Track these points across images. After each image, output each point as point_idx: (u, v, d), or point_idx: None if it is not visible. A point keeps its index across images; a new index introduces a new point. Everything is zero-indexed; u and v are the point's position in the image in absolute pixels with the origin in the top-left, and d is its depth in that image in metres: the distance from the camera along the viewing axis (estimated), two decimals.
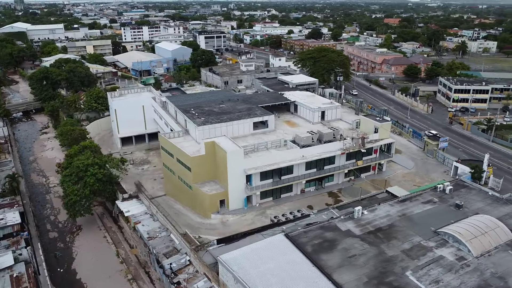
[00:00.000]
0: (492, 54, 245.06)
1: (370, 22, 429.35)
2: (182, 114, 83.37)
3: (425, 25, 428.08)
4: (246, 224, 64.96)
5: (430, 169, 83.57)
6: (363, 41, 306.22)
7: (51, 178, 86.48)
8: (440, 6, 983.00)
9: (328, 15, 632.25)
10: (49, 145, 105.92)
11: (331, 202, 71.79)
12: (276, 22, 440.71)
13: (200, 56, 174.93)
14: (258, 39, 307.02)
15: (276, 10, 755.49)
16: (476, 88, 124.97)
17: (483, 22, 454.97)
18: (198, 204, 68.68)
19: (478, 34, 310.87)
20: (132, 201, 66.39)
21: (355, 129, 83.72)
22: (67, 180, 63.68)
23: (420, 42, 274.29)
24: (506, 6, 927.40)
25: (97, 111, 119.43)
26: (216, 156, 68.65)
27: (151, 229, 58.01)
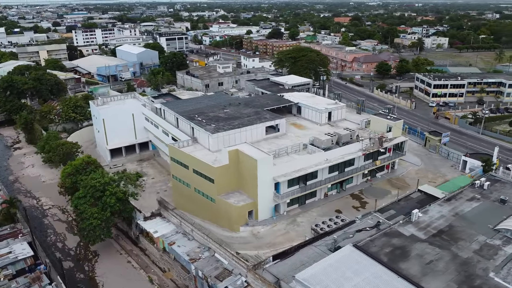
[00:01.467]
0: (445, 50, 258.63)
1: (322, 21, 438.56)
2: (187, 121, 78.35)
3: (372, 23, 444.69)
4: (279, 234, 61.91)
5: (438, 165, 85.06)
6: (321, 40, 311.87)
7: (42, 199, 77.85)
8: (380, 4, 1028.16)
9: (278, 15, 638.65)
10: (28, 161, 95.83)
11: (356, 204, 70.58)
12: (230, 22, 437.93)
13: (170, 59, 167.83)
14: (218, 40, 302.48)
15: (224, 11, 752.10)
16: (453, 83, 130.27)
17: (425, 19, 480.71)
18: (224, 218, 64.39)
19: (427, 31, 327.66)
20: (156, 219, 60.82)
21: (365, 128, 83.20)
22: (82, 202, 56.89)
23: (377, 40, 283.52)
24: (439, 4, 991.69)
25: (75, 121, 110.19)
26: (240, 165, 64.84)
27: (190, 250, 53.20)
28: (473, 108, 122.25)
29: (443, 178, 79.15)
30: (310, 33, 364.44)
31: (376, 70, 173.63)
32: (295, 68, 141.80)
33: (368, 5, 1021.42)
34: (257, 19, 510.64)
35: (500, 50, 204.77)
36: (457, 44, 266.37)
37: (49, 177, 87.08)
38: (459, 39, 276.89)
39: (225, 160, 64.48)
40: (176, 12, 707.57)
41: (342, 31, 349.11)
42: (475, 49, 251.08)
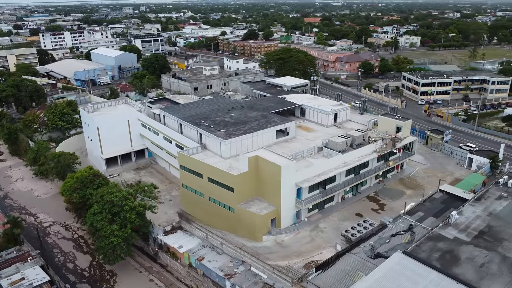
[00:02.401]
0: (418, 48, 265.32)
1: (293, 22, 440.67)
2: (193, 127, 75.11)
3: (342, 23, 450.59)
4: (305, 242, 60.04)
5: (443, 163, 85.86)
6: (296, 40, 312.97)
7: (40, 215, 72.26)
8: (344, 5, 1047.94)
9: (247, 16, 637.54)
10: (16, 175, 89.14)
11: (375, 206, 69.78)
12: (201, 23, 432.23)
13: (152, 62, 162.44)
14: (192, 41, 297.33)
15: (191, 12, 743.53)
16: (440, 81, 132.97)
17: (391, 19, 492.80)
18: (244, 227, 61.66)
19: (398, 30, 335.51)
20: (178, 233, 57.40)
21: (372, 129, 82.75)
22: (98, 219, 52.66)
23: (351, 40, 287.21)
24: (400, 4, 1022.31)
25: (62, 130, 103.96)
26: (260, 172, 62.44)
27: (223, 265, 50.33)
28: (461, 105, 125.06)
29: (452, 176, 79.85)
30: (283, 33, 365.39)
31: (359, 69, 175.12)
32: (284, 69, 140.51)
33: (333, 5, 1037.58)
34: (226, 20, 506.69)
35: (473, 48, 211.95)
36: (429, 43, 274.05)
37: (43, 191, 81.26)
38: (429, 38, 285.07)
39: (244, 167, 61.91)
40: (142, 14, 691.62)
41: (314, 31, 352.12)
42: (446, 47, 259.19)
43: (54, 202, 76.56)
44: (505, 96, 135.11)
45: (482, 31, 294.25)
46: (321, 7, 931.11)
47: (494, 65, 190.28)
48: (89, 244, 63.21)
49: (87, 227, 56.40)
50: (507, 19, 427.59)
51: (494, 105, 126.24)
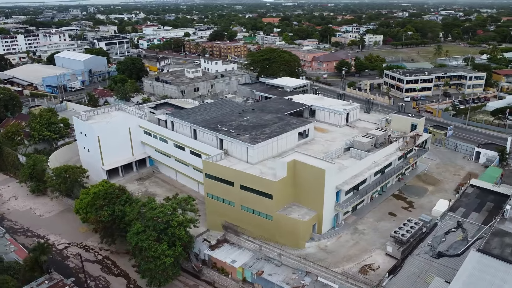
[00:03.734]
0: (381, 47, 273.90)
1: (253, 22, 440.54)
2: (211, 133, 71.67)
3: (299, 23, 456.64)
4: (350, 246, 58.88)
5: (451, 157, 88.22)
6: (261, 40, 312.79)
7: (51, 237, 65.52)
8: (295, 5, 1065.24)
9: (202, 16, 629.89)
10: (6, 193, 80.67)
11: (404, 205, 70.10)
12: (159, 25, 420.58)
13: (128, 65, 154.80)
14: (156, 43, 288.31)
15: (143, 13, 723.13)
16: (423, 78, 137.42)
17: (346, 18, 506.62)
18: (285, 234, 59.11)
19: (358, 29, 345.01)
20: (224, 247, 53.96)
21: (384, 127, 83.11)
22: (143, 238, 48.11)
23: (317, 39, 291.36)
24: (349, 4, 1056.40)
25: (49, 141, 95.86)
26: (299, 176, 60.36)
27: (286, 277, 47.74)
28: (444, 101, 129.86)
29: (464, 170, 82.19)
30: (244, 33, 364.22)
31: (336, 68, 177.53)
32: (271, 70, 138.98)
33: (284, 5, 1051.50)
34: (183, 21, 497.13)
35: (438, 46, 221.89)
36: (390, 41, 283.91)
37: (45, 210, 74.01)
38: (390, 36, 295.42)
39: (282, 172, 59.58)
40: (91, 15, 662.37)
41: (276, 31, 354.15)
42: (408, 45, 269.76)
43: (62, 221, 70.02)
44: (481, 90, 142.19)
45: (437, 29, 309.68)
46: (273, 8, 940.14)
47: (458, 61, 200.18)
48: (118, 265, 58.13)
49: (129, 248, 51.37)
50: (453, 18, 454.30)
51: (474, 99, 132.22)
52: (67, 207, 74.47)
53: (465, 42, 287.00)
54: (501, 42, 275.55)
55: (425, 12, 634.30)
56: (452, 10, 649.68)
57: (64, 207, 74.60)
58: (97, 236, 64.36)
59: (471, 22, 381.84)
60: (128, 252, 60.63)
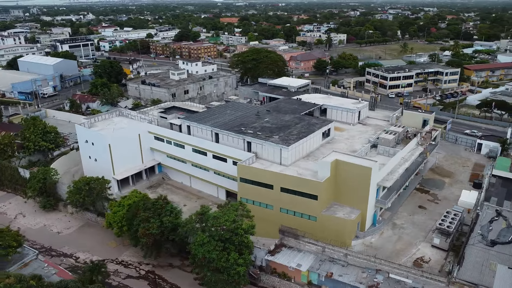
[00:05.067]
0: (346, 45, 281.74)
1: (212, 22, 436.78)
2: (237, 136, 70.52)
3: (257, 23, 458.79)
4: (395, 241, 60.24)
5: (454, 150, 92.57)
6: (226, 41, 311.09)
7: (79, 254, 61.04)
8: (246, 5, 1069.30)
9: (156, 17, 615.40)
10: (10, 210, 74.18)
11: (429, 197, 72.62)
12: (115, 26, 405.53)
13: (106, 68, 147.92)
14: (118, 45, 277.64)
15: (91, 13, 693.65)
16: (405, 74, 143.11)
17: (302, 18, 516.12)
18: (330, 234, 58.72)
19: (319, 28, 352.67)
20: (284, 251, 52.94)
21: (395, 123, 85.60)
22: (210, 248, 46.03)
23: (283, 39, 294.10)
24: (299, 4, 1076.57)
25: (44, 151, 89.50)
26: (341, 176, 60.65)
27: (357, 277, 47.72)
28: (424, 97, 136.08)
29: (470, 162, 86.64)
30: (206, 34, 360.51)
31: (314, 67, 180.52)
32: (258, 70, 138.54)
33: (236, 5, 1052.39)
34: (137, 22, 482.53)
35: (404, 43, 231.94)
36: (353, 40, 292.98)
37: (62, 226, 68.82)
38: (352, 35, 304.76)
39: (325, 173, 59.61)
40: (35, 17, 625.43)
41: (237, 31, 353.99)
42: (371, 43, 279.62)
43: (85, 236, 65.56)
44: (456, 85, 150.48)
45: (394, 28, 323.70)
46: (225, 7, 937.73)
47: (423, 58, 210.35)
48: (166, 279, 55.44)
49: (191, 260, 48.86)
50: (404, 16, 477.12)
51: (452, 93, 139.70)
52: (86, 222, 69.97)
53: (423, 39, 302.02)
54: (453, 38, 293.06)
55: (374, 11, 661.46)
56: (399, 9, 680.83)
57: (82, 221, 69.98)
58: (132, 250, 61.23)
59: (422, 20, 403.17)
60: (171, 265, 58.36)
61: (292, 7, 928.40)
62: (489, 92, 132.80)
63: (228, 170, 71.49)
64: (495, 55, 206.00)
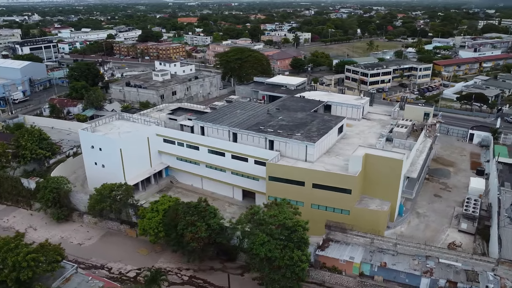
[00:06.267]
0: (312, 44, 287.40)
1: (171, 22, 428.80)
2: (258, 135, 70.60)
3: (215, 23, 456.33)
4: (423, 229, 63.39)
5: (448, 141, 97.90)
6: (190, 41, 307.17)
7: (111, 265, 58.19)
8: (199, 4, 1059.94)
9: (108, 17, 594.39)
10: (18, 225, 69.22)
11: (440, 186, 76.49)
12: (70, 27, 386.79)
13: (84, 71, 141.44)
14: (78, 46, 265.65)
15: (37, 14, 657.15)
16: (384, 71, 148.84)
17: (259, 18, 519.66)
18: (363, 227, 60.69)
19: (281, 27, 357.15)
20: (332, 245, 53.68)
21: (397, 117, 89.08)
22: (271, 247, 45.72)
23: (250, 39, 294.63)
24: (251, 4, 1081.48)
25: (41, 160, 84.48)
26: (371, 169, 62.46)
27: (411, 264, 49.48)
28: (402, 92, 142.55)
29: (466, 151, 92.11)
30: (168, 34, 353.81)
31: (291, 65, 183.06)
32: (243, 69, 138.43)
33: (188, 5, 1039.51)
34: (88, 22, 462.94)
35: (370, 41, 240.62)
36: (317, 38, 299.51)
37: (82, 237, 65.24)
38: (315, 34, 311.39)
39: (357, 167, 61.22)
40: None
41: (198, 31, 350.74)
42: (336, 41, 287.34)
43: (111, 246, 62.76)
44: (428, 80, 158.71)
45: (354, 26, 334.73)
46: (178, 7, 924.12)
47: (389, 56, 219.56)
48: (213, 283, 54.45)
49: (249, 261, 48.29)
50: (358, 15, 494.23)
51: (428, 88, 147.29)
52: (107, 231, 66.93)
53: (382, 37, 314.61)
54: (410, 36, 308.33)
55: (326, 10, 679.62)
56: (350, 8, 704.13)
57: (102, 231, 66.85)
58: (167, 256, 59.59)
59: (375, 19, 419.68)
60: (213, 268, 57.36)
61: (245, 6, 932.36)
62: (462, 86, 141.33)
63: (249, 170, 71.31)
64: (454, 51, 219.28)
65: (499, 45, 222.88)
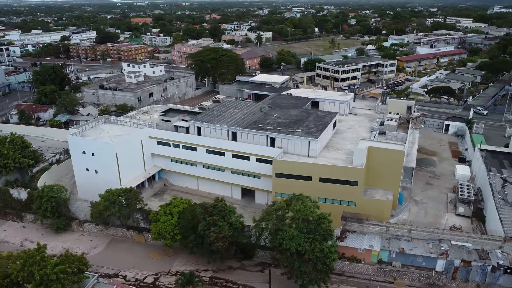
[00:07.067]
0: (274, 43, 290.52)
1: (125, 24, 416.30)
2: (259, 133, 71.38)
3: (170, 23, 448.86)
4: (424, 215, 66.46)
5: (425, 132, 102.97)
6: (149, 41, 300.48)
7: (126, 273, 56.31)
8: (149, 4, 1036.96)
9: (55, 18, 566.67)
10: (13, 238, 65.14)
11: (430, 174, 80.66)
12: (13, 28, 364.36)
13: (50, 74, 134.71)
14: (31, 49, 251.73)
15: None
16: (353, 67, 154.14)
17: (215, 18, 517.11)
18: (370, 217, 63.54)
19: (239, 27, 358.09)
20: (350, 235, 55.38)
21: (381, 111, 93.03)
22: (300, 242, 46.65)
23: (211, 39, 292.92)
24: (203, 3, 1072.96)
25: (23, 169, 79.93)
26: (374, 161, 65.02)
27: (426, 247, 52.24)
28: (373, 87, 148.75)
29: (444, 141, 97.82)
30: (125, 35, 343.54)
31: (260, 64, 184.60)
32: (218, 69, 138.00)
33: (137, 5, 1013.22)
34: (35, 24, 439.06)
35: (332, 39, 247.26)
36: (278, 37, 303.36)
37: (86, 246, 62.43)
38: (275, 33, 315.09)
39: (361, 159, 63.61)
40: None
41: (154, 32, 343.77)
42: (297, 40, 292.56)
43: (120, 253, 60.87)
44: (394, 75, 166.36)
45: (312, 25, 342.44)
46: (127, 7, 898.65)
47: (350, 53, 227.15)
48: (235, 281, 54.45)
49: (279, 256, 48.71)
50: (312, 15, 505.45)
51: (395, 83, 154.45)
52: (111, 238, 64.83)
53: (339, 35, 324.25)
54: (366, 34, 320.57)
55: (279, 10, 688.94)
56: (302, 7, 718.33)
57: (107, 238, 64.66)
58: (182, 259, 58.93)
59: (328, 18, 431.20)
60: (232, 268, 57.33)
61: (197, 6, 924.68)
62: (426, 80, 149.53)
63: (250, 168, 71.77)
64: (411, 48, 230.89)
65: (451, 41, 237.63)
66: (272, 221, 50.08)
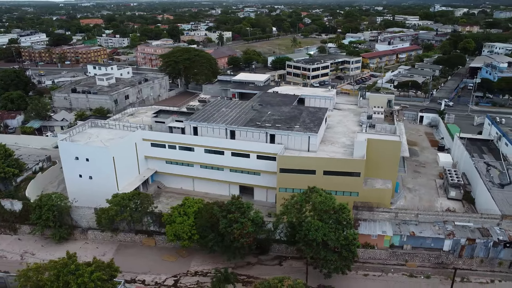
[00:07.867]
0: (235, 42, 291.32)
1: (75, 25, 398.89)
2: (259, 130, 72.62)
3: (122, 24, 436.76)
4: (417, 201, 70.50)
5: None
6: (104, 43, 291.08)
7: (142, 277, 55.27)
8: (94, 5, 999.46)
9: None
10: (11, 252, 61.70)
11: (416, 163, 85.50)
12: None
13: (13, 79, 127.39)
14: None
15: None
16: (323, 65, 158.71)
17: (168, 18, 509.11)
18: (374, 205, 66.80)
19: (196, 27, 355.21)
20: (361, 223, 57.73)
21: (364, 106, 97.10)
22: (325, 232, 48.41)
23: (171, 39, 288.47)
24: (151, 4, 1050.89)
25: (7, 178, 75.81)
26: (373, 152, 68.05)
27: (434, 230, 55.81)
28: (343, 83, 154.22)
29: (421, 131, 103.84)
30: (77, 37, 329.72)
31: (228, 63, 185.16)
32: (191, 69, 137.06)
33: (82, 6, 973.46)
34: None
35: (293, 37, 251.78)
36: (238, 37, 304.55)
37: (95, 254, 59.22)
38: (234, 32, 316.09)
39: (362, 151, 66.60)
40: None
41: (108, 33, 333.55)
42: (257, 39, 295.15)
43: (132, 258, 59.52)
44: (359, 72, 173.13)
45: (269, 24, 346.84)
46: (72, 8, 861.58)
47: (313, 51, 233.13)
48: (256, 276, 55.22)
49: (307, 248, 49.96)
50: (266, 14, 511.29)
51: (362, 79, 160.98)
52: (119, 244, 63.18)
53: (297, 34, 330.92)
54: (322, 32, 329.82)
55: (231, 9, 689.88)
56: (254, 7, 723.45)
57: (114, 244, 62.94)
58: (199, 259, 58.82)
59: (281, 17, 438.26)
60: (250, 263, 58.01)
61: (145, 6, 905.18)
62: (391, 76, 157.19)
63: (251, 166, 72.77)
64: (368, 45, 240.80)
65: (405, 38, 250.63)
66: (294, 214, 51.43)
